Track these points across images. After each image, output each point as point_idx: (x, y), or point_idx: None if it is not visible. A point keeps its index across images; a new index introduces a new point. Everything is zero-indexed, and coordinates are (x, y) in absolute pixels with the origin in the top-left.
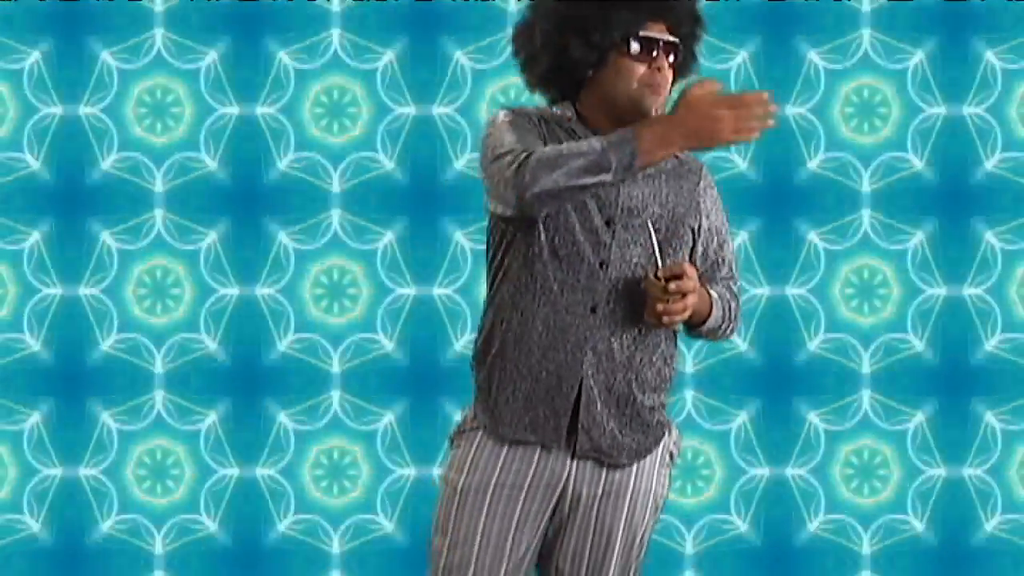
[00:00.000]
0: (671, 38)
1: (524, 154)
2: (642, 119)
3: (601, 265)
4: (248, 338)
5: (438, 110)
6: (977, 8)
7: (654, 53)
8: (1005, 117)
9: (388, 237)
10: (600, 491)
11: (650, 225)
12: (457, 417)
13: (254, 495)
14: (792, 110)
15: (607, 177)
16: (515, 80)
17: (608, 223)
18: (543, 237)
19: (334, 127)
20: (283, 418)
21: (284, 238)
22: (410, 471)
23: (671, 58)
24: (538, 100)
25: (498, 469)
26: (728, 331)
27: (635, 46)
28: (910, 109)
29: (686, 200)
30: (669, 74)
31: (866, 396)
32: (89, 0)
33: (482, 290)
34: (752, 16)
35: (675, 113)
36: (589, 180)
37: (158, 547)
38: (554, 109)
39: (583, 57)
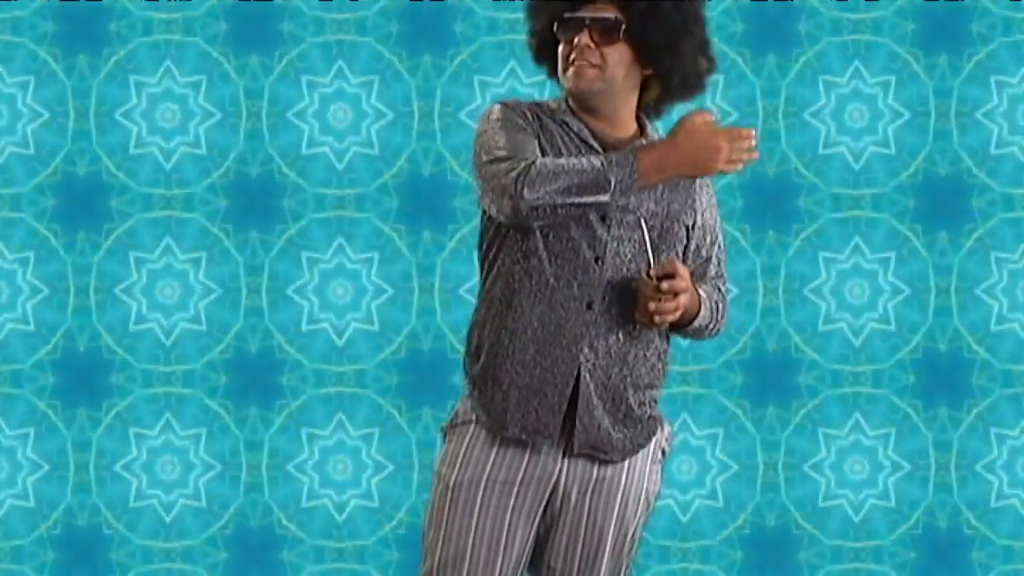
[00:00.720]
0: (597, 15)
1: (523, 163)
2: (582, 102)
3: (597, 260)
4: None
5: None
6: None
7: (579, 33)
8: None
9: None
10: (591, 487)
11: (643, 223)
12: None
13: None
14: None
15: (604, 197)
16: None
17: (603, 218)
18: (538, 232)
19: None
20: None
21: None
22: None
23: (619, 34)
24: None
25: (489, 465)
26: (714, 331)
27: (559, 30)
28: None
29: (682, 197)
30: (608, 52)
31: None
32: None
33: None
34: None
35: (675, 138)
36: (587, 199)
37: None
38: (548, 100)
39: (537, 49)
